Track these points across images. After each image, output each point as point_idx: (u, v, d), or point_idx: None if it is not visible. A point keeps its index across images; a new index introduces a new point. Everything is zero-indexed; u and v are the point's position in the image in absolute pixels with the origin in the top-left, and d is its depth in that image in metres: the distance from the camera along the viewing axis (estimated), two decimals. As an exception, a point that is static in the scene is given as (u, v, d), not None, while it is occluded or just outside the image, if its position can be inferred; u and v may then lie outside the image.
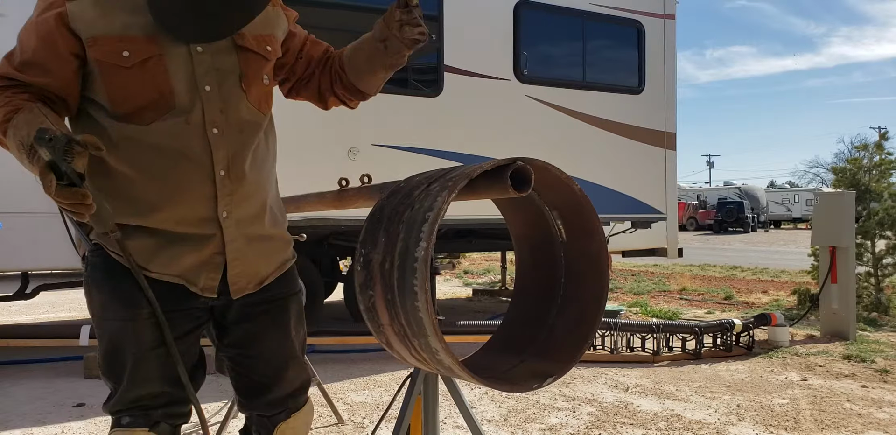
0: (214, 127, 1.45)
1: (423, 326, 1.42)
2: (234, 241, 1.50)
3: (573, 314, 1.70)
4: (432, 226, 1.43)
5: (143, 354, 1.45)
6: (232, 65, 1.49)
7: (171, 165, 1.43)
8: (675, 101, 6.74)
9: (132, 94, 1.41)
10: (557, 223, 1.73)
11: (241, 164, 1.48)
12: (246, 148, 1.49)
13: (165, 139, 1.42)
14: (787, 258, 15.45)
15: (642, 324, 4.98)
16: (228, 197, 1.47)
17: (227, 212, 1.47)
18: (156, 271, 1.47)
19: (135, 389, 1.47)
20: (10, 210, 4.05)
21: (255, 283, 1.57)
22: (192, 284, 1.49)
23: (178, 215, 1.45)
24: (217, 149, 1.45)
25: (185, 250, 1.48)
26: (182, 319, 1.51)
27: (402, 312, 1.48)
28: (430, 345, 1.44)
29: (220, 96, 1.46)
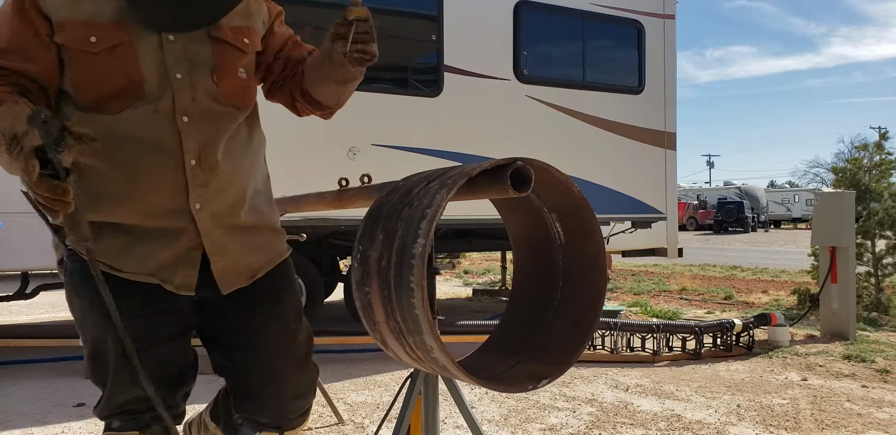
0: (185, 115, 1.39)
1: (419, 323, 1.41)
2: (210, 233, 1.44)
3: (570, 316, 1.70)
4: (430, 223, 1.43)
5: (123, 360, 1.39)
6: (205, 56, 1.43)
7: (140, 155, 1.38)
8: (675, 101, 6.73)
9: (100, 81, 1.36)
10: (556, 225, 1.73)
11: (214, 154, 1.42)
12: (218, 138, 1.43)
13: (134, 129, 1.37)
14: (787, 258, 15.45)
15: (642, 324, 4.97)
16: (201, 188, 1.41)
17: (199, 203, 1.41)
18: (127, 271, 1.42)
19: (119, 394, 1.44)
20: (10, 210, 4.05)
21: (245, 276, 1.51)
22: (168, 283, 1.43)
23: (147, 207, 1.40)
24: (187, 138, 1.39)
25: (157, 246, 1.42)
26: (165, 321, 1.46)
27: (398, 309, 1.48)
28: (426, 342, 1.44)
29: (191, 84, 1.41)
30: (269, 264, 1.56)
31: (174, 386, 1.52)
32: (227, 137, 1.45)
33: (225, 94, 1.45)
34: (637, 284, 9.95)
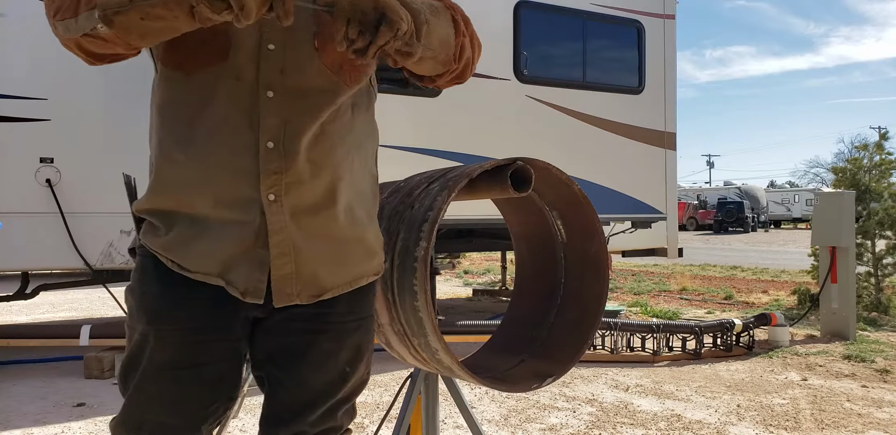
0: (270, 89, 1.19)
1: (423, 326, 1.42)
2: (283, 231, 1.21)
3: (573, 314, 1.71)
4: (432, 225, 1.43)
5: (152, 373, 1.23)
6: (307, 22, 1.21)
7: (214, 129, 1.20)
8: (675, 101, 6.74)
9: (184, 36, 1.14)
10: (557, 223, 1.73)
11: (298, 138, 1.20)
12: (309, 119, 1.21)
13: (212, 96, 1.19)
14: (787, 258, 15.45)
15: (642, 324, 4.97)
16: (276, 175, 1.19)
17: (274, 194, 1.19)
18: (195, 270, 1.22)
19: (137, 409, 1.25)
20: (10, 210, 4.05)
21: (308, 293, 1.25)
22: (233, 286, 1.21)
23: (216, 194, 1.20)
24: (267, 115, 1.19)
25: (222, 241, 1.21)
26: (217, 339, 1.25)
27: (402, 312, 1.48)
28: (430, 345, 1.44)
29: (285, 54, 1.20)
30: (346, 286, 1.30)
31: (203, 419, 1.28)
32: (321, 120, 1.22)
33: (328, 64, 1.23)
34: (637, 284, 9.95)
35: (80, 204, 4.18)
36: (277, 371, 1.30)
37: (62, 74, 4.11)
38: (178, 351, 1.22)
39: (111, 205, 4.16)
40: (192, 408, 1.25)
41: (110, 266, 4.33)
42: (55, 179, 4.13)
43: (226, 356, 1.26)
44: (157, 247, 1.24)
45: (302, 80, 1.21)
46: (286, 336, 1.28)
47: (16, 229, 4.05)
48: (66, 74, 4.11)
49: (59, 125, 4.13)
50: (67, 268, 4.56)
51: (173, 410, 1.23)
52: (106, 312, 7.00)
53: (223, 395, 1.28)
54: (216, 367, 1.25)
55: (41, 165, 4.11)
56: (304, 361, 1.29)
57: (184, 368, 1.23)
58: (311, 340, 1.28)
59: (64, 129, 4.14)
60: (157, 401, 1.24)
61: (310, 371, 1.29)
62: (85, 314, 7.01)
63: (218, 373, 1.25)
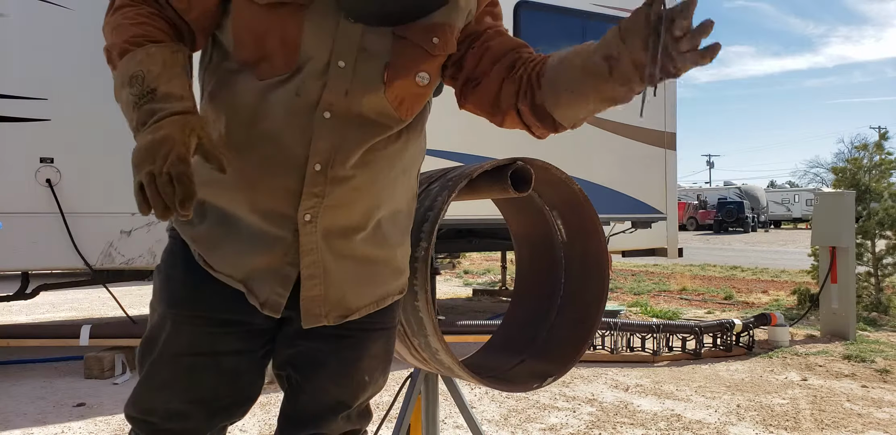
0: (328, 110, 1.15)
1: (424, 326, 1.42)
2: (314, 252, 1.19)
3: (573, 314, 1.70)
4: (432, 225, 1.43)
5: (168, 358, 1.22)
6: (382, 49, 1.17)
7: (265, 140, 1.16)
8: (676, 101, 6.74)
9: (256, 38, 1.16)
10: (557, 223, 1.73)
11: (346, 163, 1.17)
12: (359, 145, 1.18)
13: (270, 105, 1.15)
14: (787, 258, 15.45)
15: (642, 324, 4.97)
16: (317, 198, 1.16)
17: (310, 215, 1.17)
18: (219, 270, 1.21)
19: (149, 394, 1.23)
20: (10, 210, 4.05)
21: (336, 314, 1.24)
22: (253, 296, 1.20)
23: (254, 200, 1.18)
24: (320, 137, 1.15)
25: (254, 248, 1.19)
26: (235, 332, 1.23)
27: (403, 312, 1.48)
28: (431, 345, 1.44)
29: (353, 77, 1.16)
30: (373, 306, 1.28)
31: (214, 412, 1.25)
32: (371, 147, 1.20)
33: (390, 99, 1.19)
34: (637, 284, 9.95)
35: (80, 204, 4.18)
36: (298, 375, 1.28)
37: (62, 74, 4.11)
38: (196, 338, 1.21)
39: (111, 205, 4.16)
40: (205, 397, 1.22)
41: (110, 266, 4.33)
42: (55, 179, 4.13)
43: (245, 349, 1.24)
44: (188, 237, 1.23)
45: (362, 106, 1.17)
46: (308, 342, 1.26)
47: (16, 229, 4.05)
48: (66, 74, 4.12)
49: (59, 125, 4.13)
50: (67, 268, 4.56)
51: (186, 397, 1.21)
52: (106, 312, 7.00)
53: (241, 391, 1.26)
54: (234, 359, 1.23)
55: (41, 165, 4.11)
56: (325, 368, 1.27)
57: (200, 356, 1.21)
58: (333, 347, 1.27)
59: (64, 129, 4.14)
60: (169, 387, 1.22)
61: (329, 379, 1.28)
62: (85, 314, 7.01)
63: (236, 365, 1.23)
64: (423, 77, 1.21)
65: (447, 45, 1.23)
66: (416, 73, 1.20)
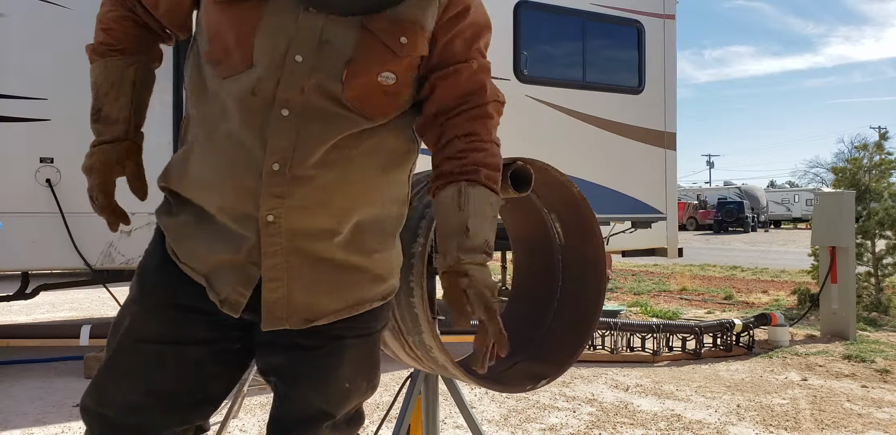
0: (285, 107, 1.10)
1: (419, 323, 1.42)
2: (277, 255, 1.14)
3: (570, 317, 1.70)
4: (430, 222, 1.43)
5: (131, 345, 1.18)
6: (346, 44, 1.12)
7: (226, 139, 1.14)
8: (675, 101, 6.74)
9: (215, 34, 1.15)
10: (556, 226, 1.73)
11: (307, 162, 1.11)
12: (320, 143, 1.12)
13: (229, 103, 1.13)
14: (787, 258, 15.44)
15: (642, 324, 4.97)
16: (277, 199, 1.11)
17: (273, 216, 1.12)
18: (184, 261, 1.19)
19: (108, 383, 1.18)
20: (10, 210, 4.05)
21: (300, 318, 1.18)
22: (213, 292, 1.17)
23: (220, 200, 1.16)
24: (277, 135, 1.10)
25: (220, 244, 1.16)
26: (205, 320, 1.19)
27: (398, 309, 1.48)
28: (425, 342, 1.44)
29: (311, 72, 1.11)
30: (344, 312, 1.22)
31: (171, 408, 1.18)
32: (336, 144, 1.14)
33: (350, 97, 1.13)
34: (637, 284, 9.95)
35: (80, 204, 4.17)
36: (280, 384, 1.26)
37: (62, 74, 4.10)
38: (161, 324, 1.18)
39: (111, 205, 4.15)
40: (164, 390, 1.17)
41: (110, 266, 4.33)
42: (55, 179, 4.13)
43: (213, 339, 1.20)
44: (164, 225, 1.24)
45: (321, 102, 1.12)
46: (284, 352, 1.22)
47: (16, 229, 4.05)
48: (66, 74, 4.11)
49: (59, 125, 4.13)
50: (67, 268, 4.56)
51: (144, 389, 1.16)
52: (106, 312, 7.00)
53: (203, 386, 1.20)
54: (199, 349, 1.19)
55: (41, 165, 4.11)
56: (303, 378, 1.23)
57: (164, 344, 1.17)
58: (309, 356, 1.22)
59: (64, 129, 4.14)
60: (129, 376, 1.17)
61: (309, 387, 1.24)
62: (85, 314, 7.01)
63: (200, 355, 1.19)
64: (387, 77, 1.16)
65: (416, 46, 1.17)
66: (378, 72, 1.15)
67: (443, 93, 1.22)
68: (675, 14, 6.78)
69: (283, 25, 1.11)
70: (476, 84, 1.23)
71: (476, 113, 1.23)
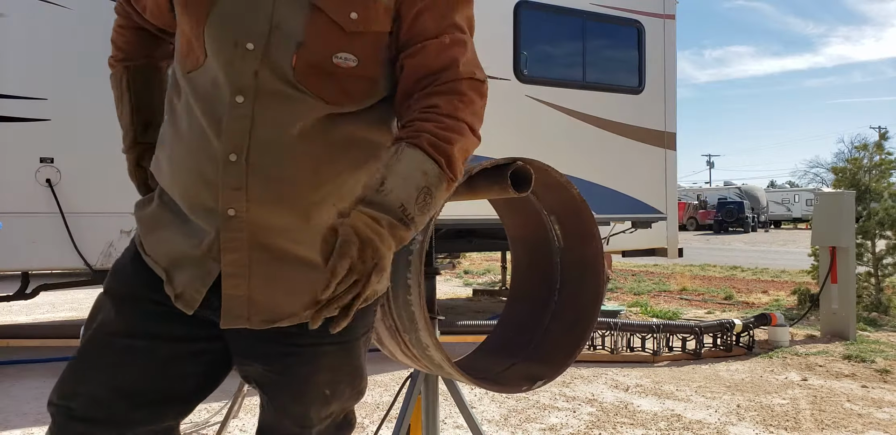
0: (239, 94, 1.06)
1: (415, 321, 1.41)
2: (238, 250, 1.09)
3: (568, 319, 1.70)
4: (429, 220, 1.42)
5: (102, 338, 1.14)
6: (296, 27, 1.07)
7: (191, 132, 1.11)
8: (675, 101, 6.74)
9: (181, 31, 1.14)
10: (555, 228, 1.73)
11: (264, 152, 1.07)
12: (278, 133, 1.07)
13: (195, 98, 1.11)
14: (787, 258, 15.44)
15: (642, 324, 4.97)
16: (236, 192, 1.07)
17: (234, 210, 1.08)
18: (148, 253, 1.16)
19: (75, 376, 1.13)
20: (10, 210, 4.05)
21: (261, 318, 1.12)
22: (170, 285, 1.12)
23: (183, 193, 1.13)
24: (233, 125, 1.06)
25: (183, 237, 1.13)
26: (178, 317, 1.13)
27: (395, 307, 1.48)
28: (422, 340, 1.43)
29: (262, 59, 1.06)
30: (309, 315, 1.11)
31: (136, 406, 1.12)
32: (302, 134, 1.08)
33: (301, 80, 1.07)
34: (637, 284, 9.95)
35: (80, 204, 4.18)
36: (261, 391, 1.23)
37: (62, 74, 4.11)
38: (133, 319, 1.14)
39: (111, 205, 4.16)
40: (131, 384, 1.11)
41: (110, 266, 4.33)
42: (55, 179, 4.13)
43: (190, 338, 1.15)
44: (136, 218, 1.23)
45: (276, 86, 1.07)
46: (260, 360, 1.18)
47: (16, 229, 4.05)
48: (66, 74, 4.12)
49: (59, 125, 4.13)
50: (67, 268, 4.56)
51: (110, 383, 1.11)
52: (106, 312, 6.99)
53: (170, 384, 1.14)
54: (171, 345, 1.14)
55: (41, 165, 4.11)
56: (282, 386, 1.19)
57: (135, 337, 1.12)
58: (286, 364, 1.17)
59: (64, 129, 4.14)
60: (96, 370, 1.12)
61: (289, 396, 1.20)
62: (85, 314, 6.98)
63: (174, 352, 1.14)
64: (344, 58, 1.08)
65: (368, 21, 1.08)
66: (332, 54, 1.07)
67: (410, 73, 1.11)
68: (675, 14, 6.78)
69: (233, 13, 1.07)
70: (446, 60, 1.10)
71: (441, 89, 1.09)
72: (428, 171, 1.03)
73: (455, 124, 1.07)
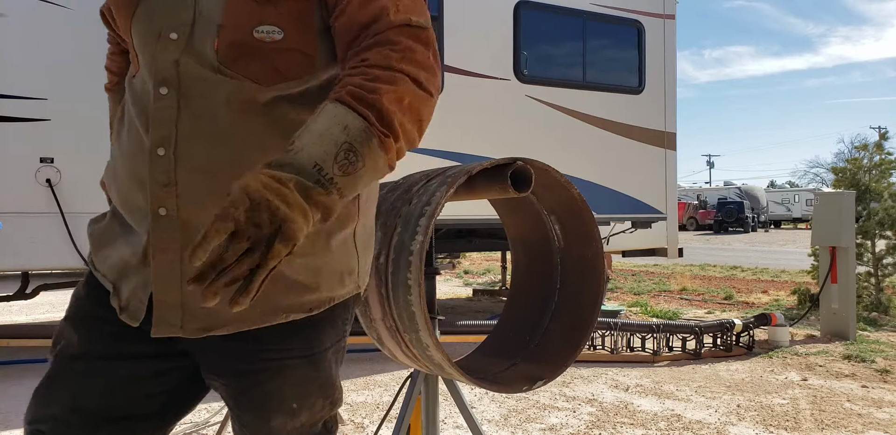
0: (163, 85, 1.02)
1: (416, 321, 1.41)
2: (170, 251, 1.02)
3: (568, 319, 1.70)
4: (429, 220, 1.42)
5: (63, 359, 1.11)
6: (215, 8, 1.02)
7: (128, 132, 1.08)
8: (675, 101, 6.74)
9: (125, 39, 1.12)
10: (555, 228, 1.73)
11: (192, 143, 1.00)
12: (205, 122, 1.01)
13: (132, 100, 1.08)
14: (787, 258, 15.44)
15: (642, 324, 4.97)
16: (166, 188, 1.00)
17: (166, 209, 1.01)
18: (97, 267, 1.11)
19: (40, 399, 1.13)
20: (10, 210, 4.05)
21: (196, 326, 1.04)
22: (116, 297, 1.07)
23: (121, 195, 1.09)
24: (159, 117, 1.01)
25: (125, 245, 1.08)
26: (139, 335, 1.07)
27: (395, 307, 1.48)
28: (422, 340, 1.43)
29: (186, 46, 1.02)
30: (254, 322, 1.05)
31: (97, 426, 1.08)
32: (233, 119, 1.01)
33: (225, 61, 1.01)
34: (637, 284, 9.95)
35: (80, 204, 4.18)
36: (229, 406, 1.17)
37: (62, 74, 4.11)
38: (89, 340, 1.09)
39: (111, 205, 4.16)
40: (91, 404, 1.07)
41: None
42: (55, 179, 4.13)
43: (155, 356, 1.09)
44: (88, 235, 1.17)
45: (199, 72, 1.01)
46: (224, 376, 1.11)
47: (16, 229, 4.05)
48: (66, 74, 4.12)
49: (59, 125, 4.13)
50: (67, 268, 4.56)
51: (72, 404, 1.08)
52: (106, 312, 7.00)
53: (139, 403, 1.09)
54: (134, 365, 1.08)
55: (41, 165, 4.11)
56: (249, 402, 1.12)
57: (94, 358, 1.08)
58: (251, 380, 1.10)
59: (64, 129, 4.14)
60: (59, 392, 1.09)
61: (256, 412, 1.13)
62: (85, 314, 7.01)
63: (136, 371, 1.08)
64: (266, 31, 1.00)
65: None
66: (252, 28, 1.00)
67: (341, 35, 1.01)
68: (675, 14, 6.78)
69: (157, 7, 1.04)
70: (374, 10, 0.98)
71: (370, 43, 0.96)
72: (349, 124, 0.88)
73: (386, 74, 0.92)
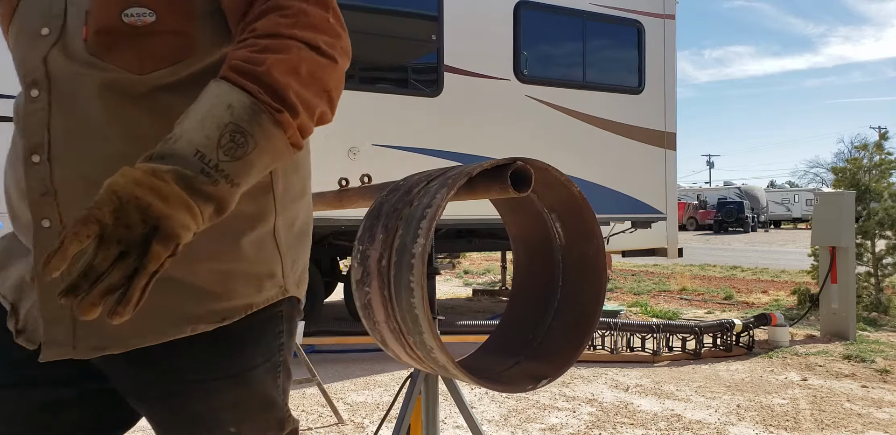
0: (34, 88, 0.92)
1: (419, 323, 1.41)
2: None
3: (570, 317, 1.71)
4: (430, 222, 1.43)
5: None
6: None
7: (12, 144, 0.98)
8: (675, 101, 6.75)
9: None
10: (556, 226, 1.73)
11: (66, 148, 0.91)
12: (79, 122, 0.91)
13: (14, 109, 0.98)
14: (787, 258, 15.45)
15: (642, 324, 4.98)
16: (45, 197, 0.91)
17: (49, 221, 0.91)
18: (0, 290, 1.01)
19: None
20: (10, 210, 4.05)
21: (89, 345, 0.93)
22: (13, 318, 0.96)
23: (11, 210, 0.99)
24: (30, 121, 0.92)
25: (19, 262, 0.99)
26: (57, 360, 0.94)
27: (398, 309, 1.48)
28: (426, 343, 1.44)
29: (57, 40, 0.92)
30: (152, 337, 0.93)
31: None
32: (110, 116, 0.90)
33: (94, 51, 0.90)
34: (637, 284, 9.95)
35: (80, 204, 4.18)
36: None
37: None
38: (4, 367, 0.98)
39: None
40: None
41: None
42: None
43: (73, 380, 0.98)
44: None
45: (67, 67, 0.91)
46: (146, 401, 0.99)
47: (16, 229, 4.05)
48: None
49: (58, 125, 4.13)
50: (67, 268, 4.56)
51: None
52: (106, 312, 7.00)
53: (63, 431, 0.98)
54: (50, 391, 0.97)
55: (41, 165, 4.11)
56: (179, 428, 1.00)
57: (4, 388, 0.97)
58: (175, 405, 0.98)
59: None
60: None
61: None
62: (85, 314, 7.01)
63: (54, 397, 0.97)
64: (137, 14, 0.89)
65: None
66: (120, 11, 0.89)
67: (231, 12, 0.91)
68: (675, 14, 6.79)
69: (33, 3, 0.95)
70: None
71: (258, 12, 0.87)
72: (234, 103, 0.78)
73: (275, 43, 0.83)
